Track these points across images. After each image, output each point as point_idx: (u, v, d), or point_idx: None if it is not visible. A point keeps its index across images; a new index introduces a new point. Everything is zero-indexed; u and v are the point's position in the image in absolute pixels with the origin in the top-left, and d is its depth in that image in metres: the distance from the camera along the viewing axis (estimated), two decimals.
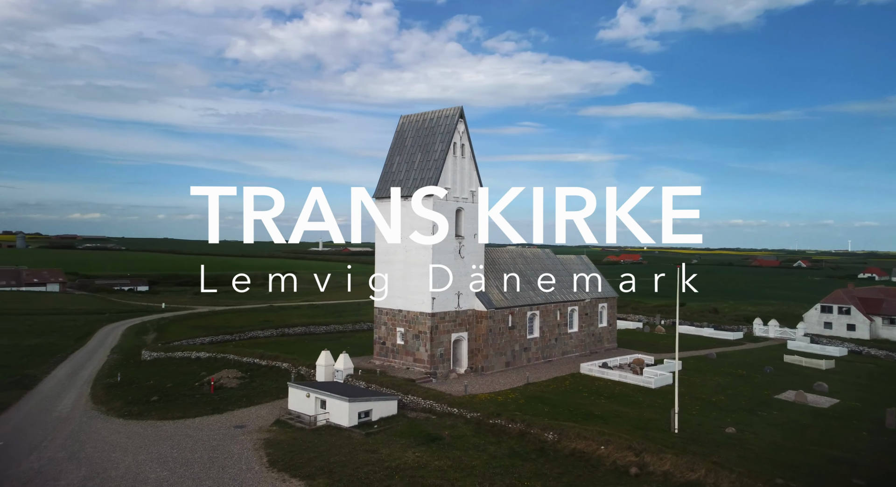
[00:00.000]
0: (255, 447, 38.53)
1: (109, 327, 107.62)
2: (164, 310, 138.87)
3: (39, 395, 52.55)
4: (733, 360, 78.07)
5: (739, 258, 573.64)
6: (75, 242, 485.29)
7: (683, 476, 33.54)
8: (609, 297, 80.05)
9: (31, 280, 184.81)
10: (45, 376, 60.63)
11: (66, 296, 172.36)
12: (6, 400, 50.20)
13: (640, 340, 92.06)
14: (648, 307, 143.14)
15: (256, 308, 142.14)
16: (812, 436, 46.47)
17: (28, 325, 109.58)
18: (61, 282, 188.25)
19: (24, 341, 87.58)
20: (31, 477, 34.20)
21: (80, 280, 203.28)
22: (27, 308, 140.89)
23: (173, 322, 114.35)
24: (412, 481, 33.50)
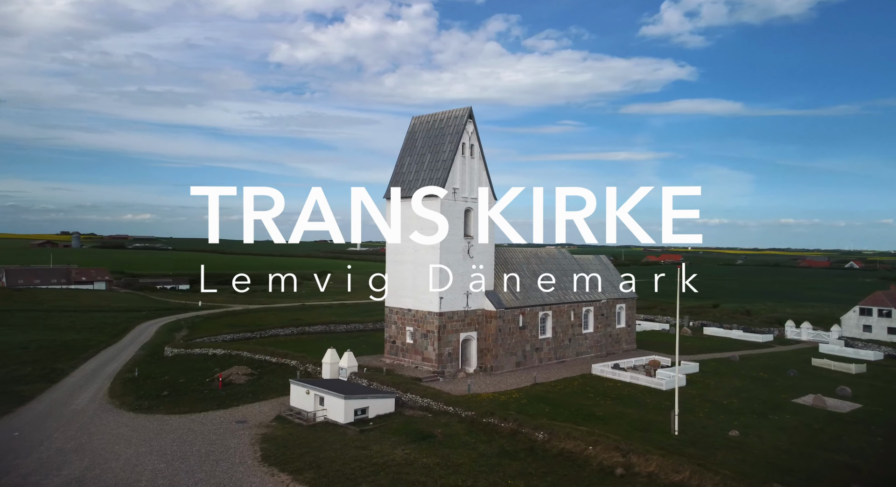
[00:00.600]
0: (251, 442, 39.69)
1: (146, 324, 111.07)
2: (200, 308, 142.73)
3: (62, 389, 54.90)
4: (757, 363, 76.57)
5: (788, 259, 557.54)
6: (126, 242, 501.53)
7: (668, 478, 33.38)
8: (628, 298, 79.33)
9: (79, 278, 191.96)
10: (72, 370, 63.25)
11: (110, 294, 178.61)
12: (30, 393, 52.63)
13: (662, 341, 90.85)
14: (681, 308, 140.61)
15: (289, 307, 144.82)
16: (821, 441, 45.52)
17: (70, 321, 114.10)
18: (107, 281, 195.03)
19: (62, 336, 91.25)
20: (37, 467, 35.94)
21: (125, 278, 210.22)
22: (72, 305, 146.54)
23: (207, 320, 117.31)
24: (397, 477, 34.12)
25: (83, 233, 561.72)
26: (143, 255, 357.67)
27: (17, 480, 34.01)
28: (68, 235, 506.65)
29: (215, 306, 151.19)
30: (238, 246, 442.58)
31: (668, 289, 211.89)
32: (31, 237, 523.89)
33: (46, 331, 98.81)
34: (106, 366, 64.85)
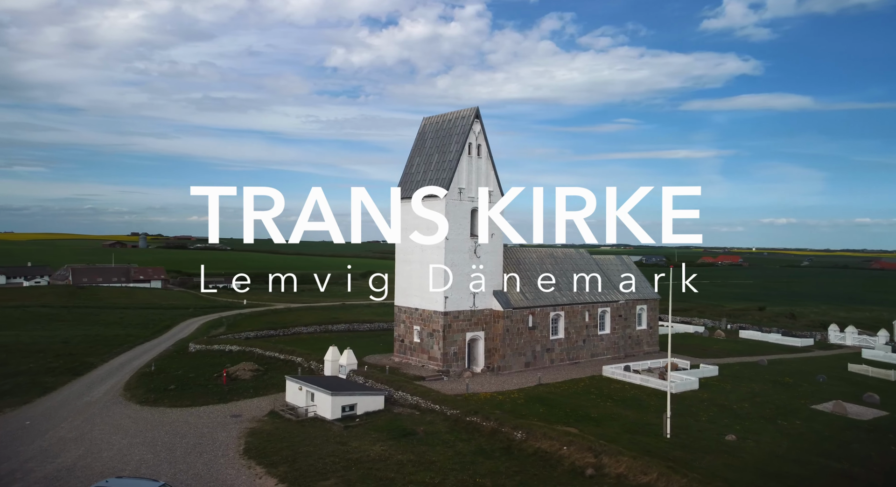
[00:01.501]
0: (239, 435, 40.97)
1: (189, 321, 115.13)
2: (244, 307, 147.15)
3: (85, 381, 57.76)
4: (786, 368, 74.13)
5: (860, 260, 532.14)
6: (188, 243, 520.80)
7: (636, 479, 33.01)
8: (649, 299, 77.94)
9: (137, 277, 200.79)
10: (102, 364, 66.39)
11: (164, 292, 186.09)
12: (53, 385, 55.61)
13: (691, 344, 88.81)
14: (721, 310, 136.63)
15: (330, 306, 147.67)
16: (825, 448, 43.96)
17: (119, 318, 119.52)
18: (163, 279, 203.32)
19: (106, 331, 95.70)
20: (36, 454, 38.07)
21: (180, 277, 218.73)
22: (125, 302, 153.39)
23: (248, 318, 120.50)
24: (367, 473, 34.75)
25: (151, 234, 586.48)
26: (201, 255, 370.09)
27: (14, 466, 36.20)
28: (136, 236, 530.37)
29: (260, 304, 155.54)
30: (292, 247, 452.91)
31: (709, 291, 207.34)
32: (104, 238, 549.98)
33: (94, 327, 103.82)
34: (134, 361, 67.86)
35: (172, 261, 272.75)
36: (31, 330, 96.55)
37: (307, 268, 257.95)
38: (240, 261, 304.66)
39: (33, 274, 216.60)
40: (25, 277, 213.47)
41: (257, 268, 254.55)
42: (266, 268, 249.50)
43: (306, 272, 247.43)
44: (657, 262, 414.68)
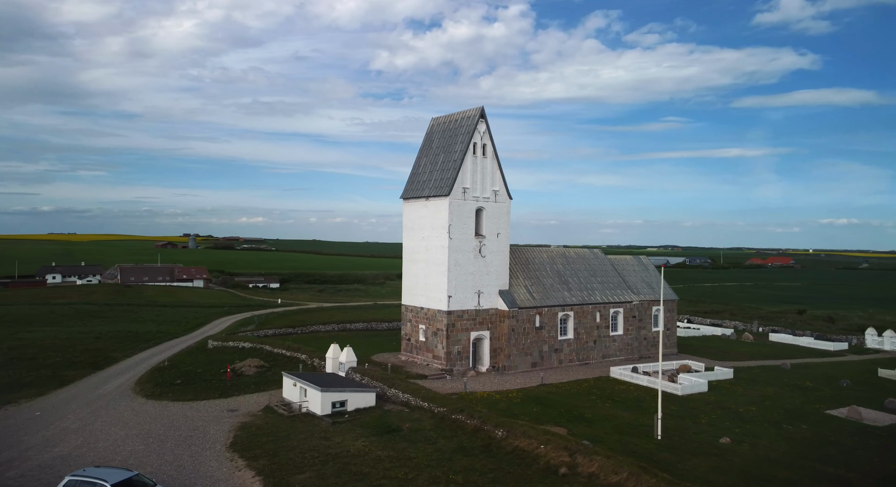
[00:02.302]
0: (230, 429, 41.97)
1: (222, 319, 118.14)
2: (278, 305, 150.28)
3: (103, 375, 59.96)
4: (810, 372, 72.13)
5: None
6: (236, 243, 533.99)
7: (607, 479, 32.76)
8: (666, 300, 76.62)
9: (181, 276, 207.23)
10: (124, 359, 68.83)
11: (204, 291, 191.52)
12: (71, 378, 57.91)
13: (715, 347, 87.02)
14: (756, 313, 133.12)
15: (361, 305, 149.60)
16: (825, 453, 42.82)
17: (155, 315, 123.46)
18: (205, 279, 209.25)
19: (140, 328, 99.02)
20: (37, 443, 39.75)
21: (223, 277, 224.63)
22: (166, 300, 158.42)
23: (279, 316, 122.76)
24: (343, 467, 35.33)
25: (202, 235, 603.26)
26: (246, 255, 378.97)
27: (14, 454, 37.93)
28: (187, 237, 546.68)
29: (294, 303, 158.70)
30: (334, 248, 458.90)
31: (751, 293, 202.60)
32: (157, 239, 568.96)
33: (131, 323, 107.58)
34: (155, 357, 70.08)
35: (217, 261, 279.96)
36: (71, 327, 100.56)
37: (347, 269, 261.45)
38: (280, 261, 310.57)
39: (86, 273, 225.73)
40: (79, 276, 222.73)
41: (296, 268, 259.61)
42: (304, 268, 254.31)
43: (344, 272, 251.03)
44: (701, 264, 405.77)
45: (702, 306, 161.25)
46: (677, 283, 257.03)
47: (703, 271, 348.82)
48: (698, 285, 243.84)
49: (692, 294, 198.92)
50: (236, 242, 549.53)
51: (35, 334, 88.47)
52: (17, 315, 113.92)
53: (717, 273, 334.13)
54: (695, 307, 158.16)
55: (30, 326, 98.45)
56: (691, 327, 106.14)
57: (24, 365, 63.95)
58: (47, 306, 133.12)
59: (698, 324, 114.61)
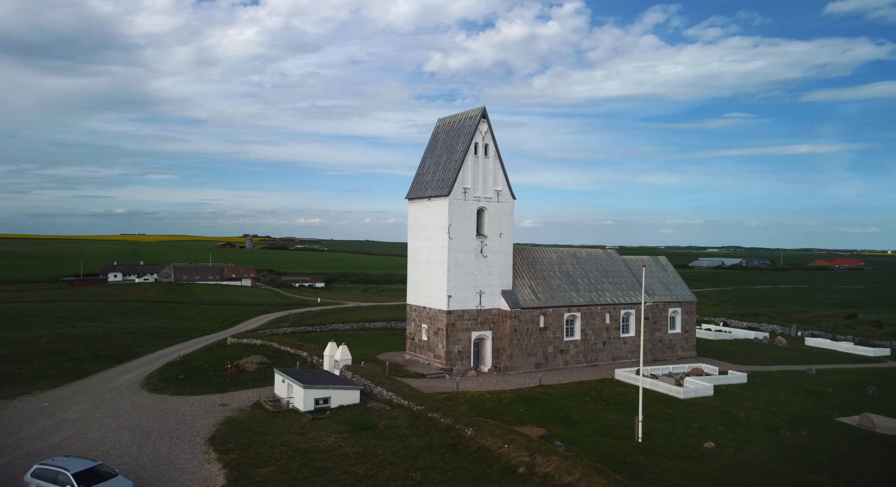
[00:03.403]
0: (214, 423, 43.18)
1: (260, 317, 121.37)
2: (317, 304, 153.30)
3: (120, 369, 62.45)
4: (836, 378, 69.38)
5: None
6: (290, 244, 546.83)
7: (561, 479, 32.56)
8: (684, 302, 74.81)
9: (230, 275, 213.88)
10: (146, 354, 71.72)
11: (251, 289, 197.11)
12: (89, 371, 60.63)
13: (742, 351, 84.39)
14: (797, 316, 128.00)
15: (398, 305, 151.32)
16: (816, 460, 41.49)
17: (196, 312, 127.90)
18: (253, 278, 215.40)
19: (176, 325, 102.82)
20: (35, 432, 41.66)
21: (271, 276, 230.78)
22: (211, 298, 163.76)
23: (316, 314, 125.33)
24: (308, 462, 36.05)
25: (260, 236, 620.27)
26: (297, 255, 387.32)
27: (11, 442, 39.96)
28: (244, 238, 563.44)
29: (334, 302, 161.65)
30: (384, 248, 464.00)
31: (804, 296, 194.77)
32: (218, 239, 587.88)
33: (170, 320, 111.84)
34: (176, 353, 72.71)
35: (268, 261, 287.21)
36: (113, 322, 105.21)
37: (393, 269, 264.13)
38: (329, 261, 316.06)
39: (144, 271, 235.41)
40: (137, 275, 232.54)
41: (343, 268, 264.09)
42: (351, 268, 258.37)
43: (389, 272, 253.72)
44: (759, 265, 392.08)
45: (748, 308, 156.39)
46: (727, 285, 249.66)
47: (760, 273, 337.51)
48: (749, 287, 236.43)
49: (739, 296, 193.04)
50: (291, 243, 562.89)
51: (77, 329, 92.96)
52: (68, 311, 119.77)
53: (774, 275, 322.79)
54: (740, 309, 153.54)
55: (76, 322, 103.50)
56: (724, 330, 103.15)
57: (53, 358, 67.39)
58: (99, 303, 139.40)
59: (734, 327, 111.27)
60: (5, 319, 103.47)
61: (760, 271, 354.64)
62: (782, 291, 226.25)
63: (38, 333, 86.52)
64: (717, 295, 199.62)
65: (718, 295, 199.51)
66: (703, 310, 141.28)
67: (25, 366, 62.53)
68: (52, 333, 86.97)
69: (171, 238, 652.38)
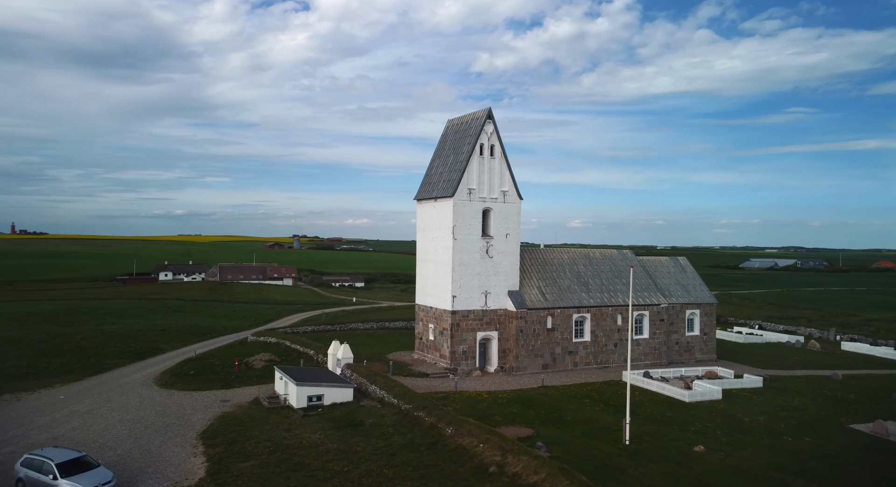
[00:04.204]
0: (211, 418, 44.51)
1: (293, 315, 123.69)
2: (352, 303, 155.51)
3: (140, 364, 64.63)
4: (862, 384, 66.97)
5: None
6: (337, 244, 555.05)
7: (527, 478, 32.69)
8: (703, 303, 73.18)
9: (272, 275, 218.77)
10: (170, 350, 74.01)
11: (291, 289, 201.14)
12: (110, 366, 62.94)
13: (768, 355, 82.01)
14: (849, 320, 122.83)
15: None
16: (809, 467, 40.31)
17: (231, 311, 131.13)
18: (294, 277, 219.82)
19: (208, 322, 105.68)
20: (45, 424, 43.38)
21: (312, 276, 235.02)
22: (249, 297, 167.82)
23: (348, 314, 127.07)
24: (287, 457, 36.90)
25: (309, 236, 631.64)
26: (341, 256, 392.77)
27: (20, 433, 41.93)
28: (293, 238, 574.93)
29: (369, 302, 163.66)
30: None
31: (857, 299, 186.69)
32: (268, 239, 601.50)
33: (205, 318, 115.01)
34: (199, 350, 75.13)
35: (312, 261, 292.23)
36: (151, 320, 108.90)
37: None
38: (371, 261, 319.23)
39: (193, 271, 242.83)
40: (186, 274, 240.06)
41: (385, 268, 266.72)
42: (392, 268, 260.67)
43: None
44: (815, 267, 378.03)
45: (792, 311, 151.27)
46: (776, 287, 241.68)
47: (814, 275, 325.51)
48: (798, 290, 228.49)
49: (786, 298, 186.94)
50: (338, 243, 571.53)
51: (114, 326, 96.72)
52: (112, 308, 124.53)
53: (829, 276, 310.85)
54: (783, 312, 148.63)
55: (116, 319, 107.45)
56: (755, 333, 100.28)
57: (83, 353, 70.45)
58: (142, 301, 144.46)
59: (770, 330, 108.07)
60: (53, 315, 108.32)
61: (816, 273, 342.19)
62: (834, 294, 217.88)
63: (77, 329, 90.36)
64: (762, 297, 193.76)
65: (763, 297, 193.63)
66: (743, 313, 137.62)
67: (55, 361, 65.56)
68: (90, 329, 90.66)
69: (224, 238, 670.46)
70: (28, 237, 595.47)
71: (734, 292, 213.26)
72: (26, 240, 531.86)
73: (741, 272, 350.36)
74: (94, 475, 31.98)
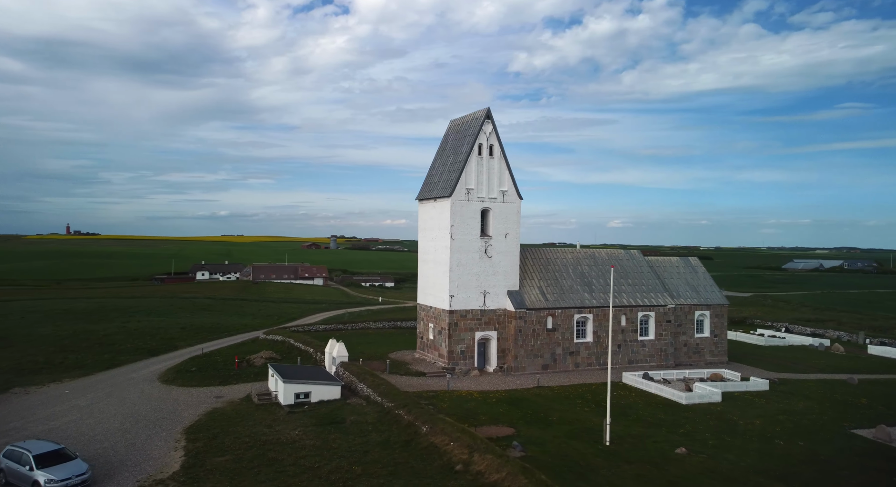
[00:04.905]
0: (200, 413, 45.59)
1: (318, 314, 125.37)
2: (378, 303, 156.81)
3: (151, 361, 66.19)
4: (879, 389, 65.18)
5: None
6: (373, 244, 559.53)
7: (489, 477, 32.72)
8: (714, 305, 71.72)
9: (303, 274, 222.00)
10: (183, 347, 75.52)
11: (319, 288, 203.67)
12: (121, 362, 64.67)
13: (786, 358, 79.80)
14: (866, 323, 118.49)
15: None
16: (793, 471, 39.54)
17: (257, 309, 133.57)
18: (324, 277, 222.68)
19: (229, 321, 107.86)
20: (45, 416, 44.91)
21: (343, 275, 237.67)
22: (278, 296, 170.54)
23: (373, 313, 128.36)
24: (262, 453, 37.51)
25: (346, 237, 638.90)
26: (375, 256, 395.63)
27: (19, 425, 43.49)
28: (329, 239, 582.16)
29: (395, 302, 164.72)
30: None
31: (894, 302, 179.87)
32: (306, 240, 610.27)
33: (230, 316, 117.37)
34: (213, 347, 76.85)
35: (345, 261, 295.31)
36: (178, 317, 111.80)
37: None
38: (403, 261, 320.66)
39: (228, 270, 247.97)
40: (222, 273, 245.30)
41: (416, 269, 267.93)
42: None
43: None
44: (863, 268, 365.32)
45: (828, 314, 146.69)
46: (817, 288, 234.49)
47: (862, 276, 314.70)
48: (840, 291, 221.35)
49: (825, 300, 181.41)
50: (374, 243, 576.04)
51: (140, 323, 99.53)
52: (142, 306, 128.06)
53: (878, 278, 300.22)
54: (819, 314, 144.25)
55: (144, 316, 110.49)
56: (778, 335, 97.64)
57: (101, 349, 72.79)
58: (173, 299, 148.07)
59: (797, 333, 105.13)
60: (86, 313, 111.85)
61: (864, 274, 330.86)
62: (879, 296, 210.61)
63: (103, 326, 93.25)
64: (799, 299, 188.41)
65: (801, 299, 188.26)
66: (774, 315, 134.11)
67: (70, 356, 67.93)
68: (115, 327, 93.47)
69: (265, 239, 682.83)
70: (81, 237, 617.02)
71: (771, 294, 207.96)
72: (79, 241, 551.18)
73: (782, 273, 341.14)
74: (69, 466, 33.08)
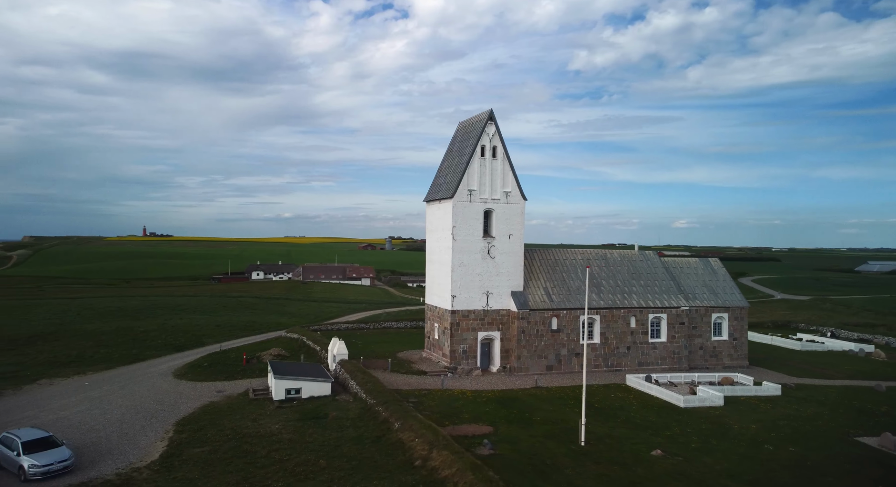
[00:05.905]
0: (196, 407, 47.49)
1: (356, 314, 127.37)
2: (419, 303, 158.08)
3: (172, 356, 68.94)
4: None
5: None
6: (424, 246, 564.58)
7: (441, 472, 33.35)
8: (733, 307, 69.80)
9: (351, 275, 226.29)
10: (210, 344, 78.42)
11: (365, 288, 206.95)
12: (145, 357, 67.70)
13: (816, 364, 76.53)
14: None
15: None
16: (774, 477, 38.49)
17: (297, 309, 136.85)
18: (371, 277, 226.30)
19: (267, 320, 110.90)
20: (57, 406, 47.70)
21: (391, 276, 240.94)
22: (323, 295, 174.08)
23: (411, 312, 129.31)
24: (238, 445, 38.90)
25: (404, 238, 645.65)
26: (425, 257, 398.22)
27: (32, 413, 46.34)
28: (385, 240, 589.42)
29: None
30: None
31: None
32: (363, 241, 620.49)
33: (269, 315, 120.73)
34: (231, 345, 79.02)
35: (395, 262, 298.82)
36: (219, 315, 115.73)
37: None
38: None
39: (281, 270, 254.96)
40: (275, 273, 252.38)
41: None
42: None
43: None
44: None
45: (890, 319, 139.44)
46: (885, 292, 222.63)
47: None
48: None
49: (887, 305, 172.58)
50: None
51: (181, 321, 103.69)
52: (190, 305, 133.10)
53: None
54: (881, 319, 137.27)
55: (187, 314, 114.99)
56: (816, 340, 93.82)
57: (133, 344, 76.41)
58: (222, 298, 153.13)
59: (843, 338, 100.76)
60: (135, 310, 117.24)
61: None
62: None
63: (144, 324, 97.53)
64: (862, 303, 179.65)
65: (863, 303, 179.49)
66: (832, 320, 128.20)
67: (102, 350, 71.79)
68: (156, 324, 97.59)
69: (325, 240, 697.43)
70: (156, 239, 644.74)
71: (833, 297, 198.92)
72: (154, 242, 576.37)
73: (853, 276, 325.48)
74: (53, 453, 35.38)
